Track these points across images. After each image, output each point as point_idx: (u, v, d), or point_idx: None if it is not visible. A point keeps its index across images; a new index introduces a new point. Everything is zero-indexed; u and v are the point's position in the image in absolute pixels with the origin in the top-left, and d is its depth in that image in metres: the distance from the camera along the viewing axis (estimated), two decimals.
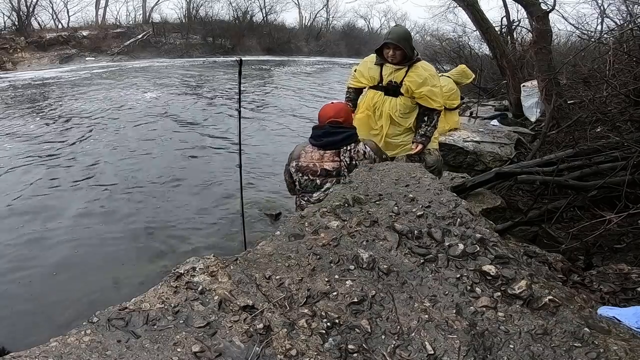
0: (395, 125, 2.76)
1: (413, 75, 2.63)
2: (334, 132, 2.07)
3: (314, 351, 0.84)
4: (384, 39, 2.66)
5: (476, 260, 1.10)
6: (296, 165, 2.14)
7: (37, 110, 8.95)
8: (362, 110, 2.86)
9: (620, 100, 3.76)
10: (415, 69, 2.64)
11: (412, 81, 2.62)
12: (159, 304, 0.90)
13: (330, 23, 36.41)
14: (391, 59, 2.64)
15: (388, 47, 2.62)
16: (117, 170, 5.22)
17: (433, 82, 2.65)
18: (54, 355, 0.76)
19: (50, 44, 20.61)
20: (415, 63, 2.66)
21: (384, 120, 2.76)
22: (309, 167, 2.10)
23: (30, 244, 3.44)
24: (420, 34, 23.38)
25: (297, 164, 2.14)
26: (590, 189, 2.71)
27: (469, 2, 6.69)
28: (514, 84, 6.91)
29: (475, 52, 11.84)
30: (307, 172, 2.11)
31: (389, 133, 2.78)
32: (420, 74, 2.63)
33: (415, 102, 2.70)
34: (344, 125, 2.13)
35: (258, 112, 9.18)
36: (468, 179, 3.37)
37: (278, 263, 1.06)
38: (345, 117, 2.16)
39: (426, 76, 2.62)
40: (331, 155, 2.07)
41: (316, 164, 2.09)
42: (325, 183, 2.07)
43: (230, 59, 20.43)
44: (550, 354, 0.89)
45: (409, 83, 2.62)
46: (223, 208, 4.22)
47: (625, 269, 1.58)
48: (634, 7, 5.73)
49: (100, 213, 4.00)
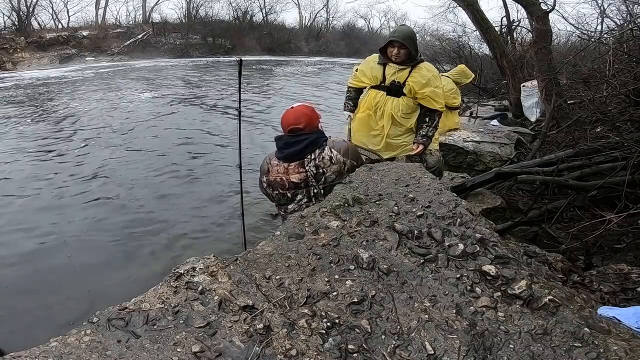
0: (397, 126, 2.76)
1: (416, 75, 2.63)
2: (295, 142, 1.92)
3: (314, 351, 0.84)
4: (389, 36, 2.66)
5: (476, 260, 1.10)
6: (266, 180, 2.03)
7: (37, 110, 8.95)
8: (363, 109, 2.85)
9: (620, 100, 3.76)
10: (418, 70, 2.64)
11: (416, 82, 2.62)
12: (159, 304, 0.90)
13: (330, 23, 36.43)
14: (395, 57, 2.63)
15: (393, 46, 2.61)
16: (117, 170, 5.22)
17: (436, 84, 2.65)
18: (54, 355, 0.76)
19: (50, 44, 20.62)
20: (418, 64, 2.66)
21: (386, 120, 2.75)
22: (277, 182, 1.98)
23: (30, 244, 3.44)
24: (420, 34, 23.36)
25: (266, 179, 2.03)
26: (590, 189, 2.71)
27: (469, 2, 6.69)
28: (514, 84, 6.92)
29: (475, 52, 11.84)
30: (276, 187, 2.00)
31: (390, 133, 2.77)
32: (424, 74, 2.63)
33: (417, 103, 2.70)
34: (305, 131, 1.94)
35: (258, 112, 9.17)
36: (468, 179, 3.37)
37: (278, 263, 1.06)
38: (306, 122, 1.96)
39: (429, 77, 2.63)
40: (296, 166, 1.93)
41: (283, 178, 1.96)
42: (297, 195, 1.96)
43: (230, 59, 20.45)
44: (550, 354, 0.89)
45: (413, 83, 2.62)
46: (223, 208, 4.22)
47: (625, 269, 1.58)
48: (634, 7, 5.73)
49: (100, 213, 4.00)
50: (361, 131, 2.87)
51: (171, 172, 5.19)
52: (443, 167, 3.07)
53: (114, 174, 5.04)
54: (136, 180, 4.88)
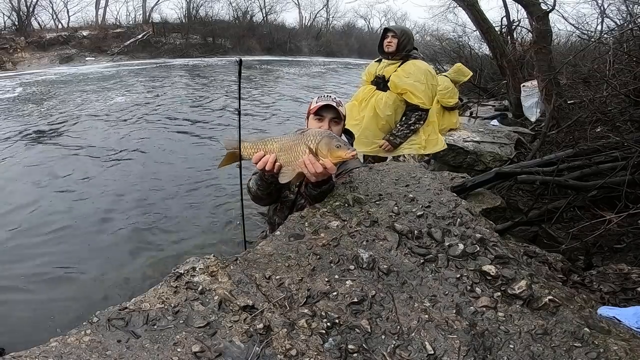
0: (379, 119, 2.77)
1: (400, 70, 2.67)
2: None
3: (314, 351, 0.84)
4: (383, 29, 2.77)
5: (476, 260, 1.10)
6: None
7: (37, 111, 8.94)
8: (352, 100, 2.92)
9: (620, 100, 3.76)
10: (405, 65, 2.68)
11: (397, 75, 2.65)
12: (159, 304, 0.90)
13: (330, 23, 36.47)
14: (387, 46, 2.69)
15: (387, 36, 2.69)
16: (116, 171, 5.22)
17: (418, 78, 2.65)
18: (54, 355, 0.75)
19: (50, 44, 20.62)
20: (409, 60, 2.69)
21: (367, 111, 2.78)
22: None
23: (30, 244, 3.44)
24: (420, 34, 23.43)
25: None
26: (590, 189, 2.71)
27: (469, 2, 6.69)
28: (514, 84, 6.92)
29: (475, 52, 11.85)
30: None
31: (368, 125, 2.79)
32: (408, 69, 2.66)
33: (402, 99, 2.72)
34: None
35: (258, 112, 9.18)
36: (468, 179, 3.36)
37: (278, 263, 1.06)
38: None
39: (412, 71, 2.65)
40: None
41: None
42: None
43: (230, 59, 20.45)
44: (550, 354, 0.89)
45: (394, 77, 2.66)
46: (223, 208, 4.22)
47: (625, 269, 1.58)
48: (634, 7, 5.74)
49: (100, 213, 4.00)
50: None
51: (171, 172, 5.20)
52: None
53: (113, 175, 5.05)
54: (135, 180, 4.88)
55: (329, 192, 1.37)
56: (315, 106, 1.64)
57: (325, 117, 1.64)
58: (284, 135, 1.35)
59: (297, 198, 1.67)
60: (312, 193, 1.36)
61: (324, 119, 1.64)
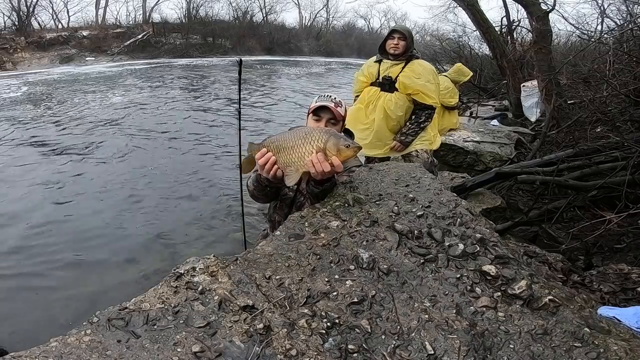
0: (390, 121, 2.76)
1: (408, 71, 2.66)
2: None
3: (314, 351, 0.84)
4: (389, 29, 2.75)
5: (476, 260, 1.10)
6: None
7: (37, 111, 8.95)
8: (356, 104, 2.89)
9: (620, 100, 3.76)
10: (411, 65, 2.68)
11: (407, 76, 2.65)
12: (159, 304, 0.90)
13: (330, 23, 36.48)
14: (394, 49, 2.68)
15: (393, 37, 2.67)
16: (116, 170, 5.22)
17: (428, 78, 2.67)
18: (54, 355, 0.75)
19: (50, 44, 20.62)
20: (412, 60, 2.69)
21: (377, 114, 2.76)
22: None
23: (30, 244, 3.44)
24: (420, 34, 23.41)
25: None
26: (590, 189, 2.71)
27: (469, 2, 6.69)
28: (514, 84, 6.92)
29: (475, 52, 11.84)
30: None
31: (381, 127, 2.78)
32: (415, 69, 2.66)
33: (410, 99, 2.71)
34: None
35: (258, 112, 9.17)
36: (468, 179, 3.37)
37: (278, 263, 1.06)
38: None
39: (421, 71, 2.65)
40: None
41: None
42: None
43: (230, 59, 20.45)
44: (550, 354, 0.89)
45: (403, 78, 2.65)
46: (223, 208, 4.23)
47: (625, 269, 1.58)
48: (634, 7, 5.74)
49: (100, 213, 4.00)
50: (350, 124, 2.91)
51: (171, 172, 5.20)
52: (435, 170, 3.01)
53: (113, 175, 5.05)
54: (135, 180, 4.88)
55: (330, 190, 1.38)
56: (314, 106, 1.67)
57: (323, 118, 1.67)
58: (281, 134, 1.35)
59: (296, 196, 1.68)
60: (314, 191, 1.37)
61: (322, 119, 1.67)
